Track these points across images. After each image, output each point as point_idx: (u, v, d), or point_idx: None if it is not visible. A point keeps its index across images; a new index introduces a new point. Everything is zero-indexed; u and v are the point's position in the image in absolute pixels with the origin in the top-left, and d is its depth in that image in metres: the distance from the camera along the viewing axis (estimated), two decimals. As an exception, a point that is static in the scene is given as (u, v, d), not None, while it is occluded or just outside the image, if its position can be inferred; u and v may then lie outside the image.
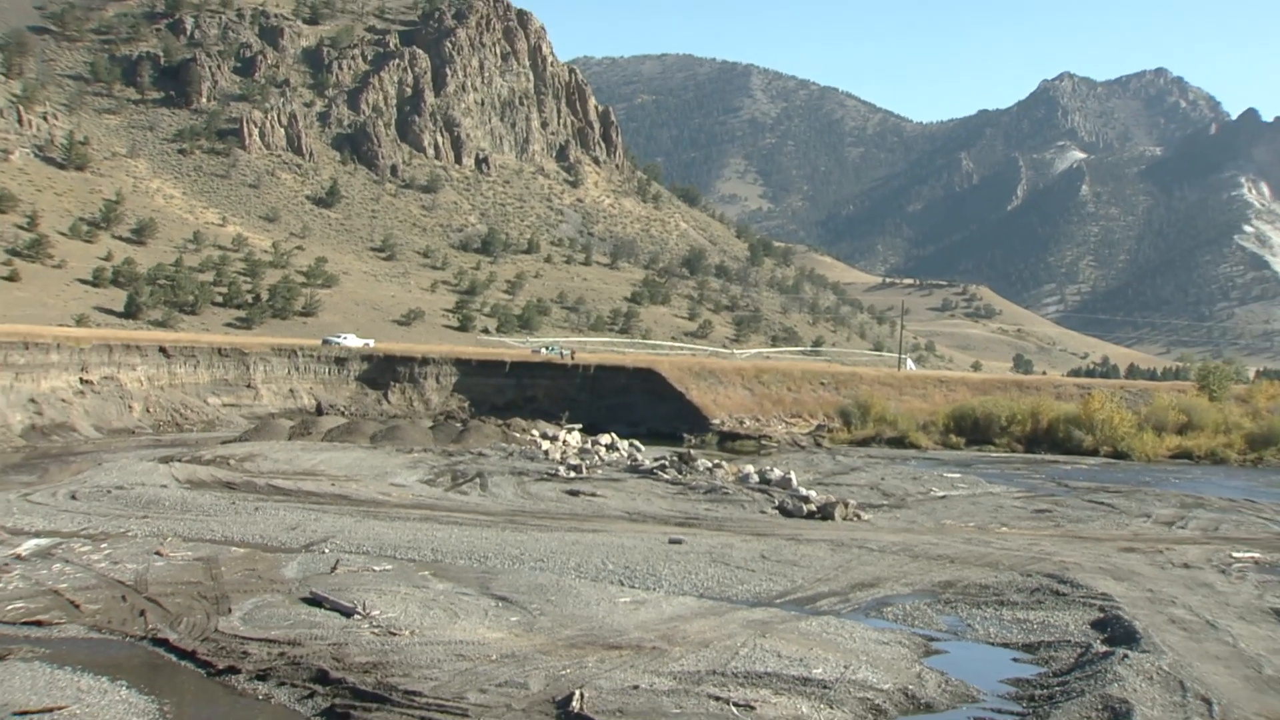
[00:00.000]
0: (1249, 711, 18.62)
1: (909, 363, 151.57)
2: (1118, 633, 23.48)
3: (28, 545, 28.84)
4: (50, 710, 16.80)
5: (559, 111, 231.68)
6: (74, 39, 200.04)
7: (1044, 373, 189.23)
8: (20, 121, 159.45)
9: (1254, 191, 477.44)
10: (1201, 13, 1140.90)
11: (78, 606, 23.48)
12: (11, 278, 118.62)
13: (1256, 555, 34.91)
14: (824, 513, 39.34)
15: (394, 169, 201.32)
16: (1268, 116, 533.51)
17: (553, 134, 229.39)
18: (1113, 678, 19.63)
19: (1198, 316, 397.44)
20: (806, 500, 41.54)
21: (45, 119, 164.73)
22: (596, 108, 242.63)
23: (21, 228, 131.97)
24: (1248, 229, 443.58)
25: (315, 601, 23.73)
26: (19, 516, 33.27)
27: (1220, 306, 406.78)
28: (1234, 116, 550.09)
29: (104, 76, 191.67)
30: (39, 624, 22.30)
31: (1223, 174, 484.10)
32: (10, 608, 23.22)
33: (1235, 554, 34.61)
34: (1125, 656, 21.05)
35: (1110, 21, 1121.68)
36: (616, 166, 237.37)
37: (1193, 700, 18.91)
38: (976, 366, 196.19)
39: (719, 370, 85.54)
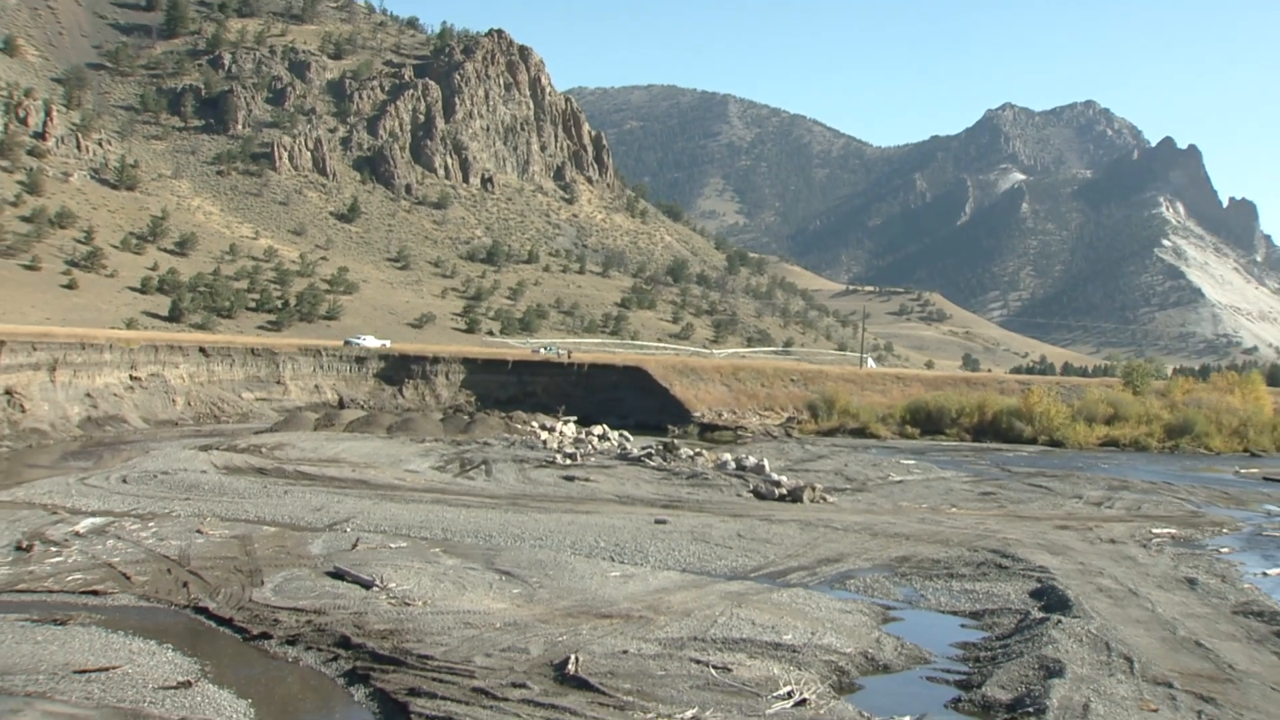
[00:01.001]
0: (1164, 668, 18.87)
1: (870, 361, 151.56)
2: (1053, 601, 23.71)
3: (85, 523, 28.89)
4: (106, 669, 16.83)
5: (556, 136, 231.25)
6: (126, 74, 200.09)
7: (989, 370, 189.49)
8: (79, 147, 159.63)
9: (1171, 210, 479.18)
10: (1127, 51, 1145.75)
11: (129, 578, 23.54)
12: (70, 286, 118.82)
13: (1173, 531, 35.34)
14: (794, 496, 39.40)
15: (408, 188, 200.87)
16: (1182, 144, 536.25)
17: (551, 156, 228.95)
18: (1048, 640, 19.86)
19: (1123, 320, 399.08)
20: (778, 484, 41.52)
21: (100, 145, 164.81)
22: (590, 133, 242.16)
23: (79, 241, 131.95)
24: (1166, 243, 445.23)
25: (338, 575, 23.82)
26: (77, 498, 33.32)
27: (1142, 311, 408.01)
28: (1153, 144, 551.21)
29: (152, 107, 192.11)
30: (95, 593, 22.39)
31: (1144, 194, 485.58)
32: (70, 578, 23.31)
33: (1155, 530, 34.99)
34: (1059, 622, 21.27)
35: (1047, 58, 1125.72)
36: (608, 185, 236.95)
37: (1116, 659, 19.16)
38: (929, 365, 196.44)
39: (700, 368, 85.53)
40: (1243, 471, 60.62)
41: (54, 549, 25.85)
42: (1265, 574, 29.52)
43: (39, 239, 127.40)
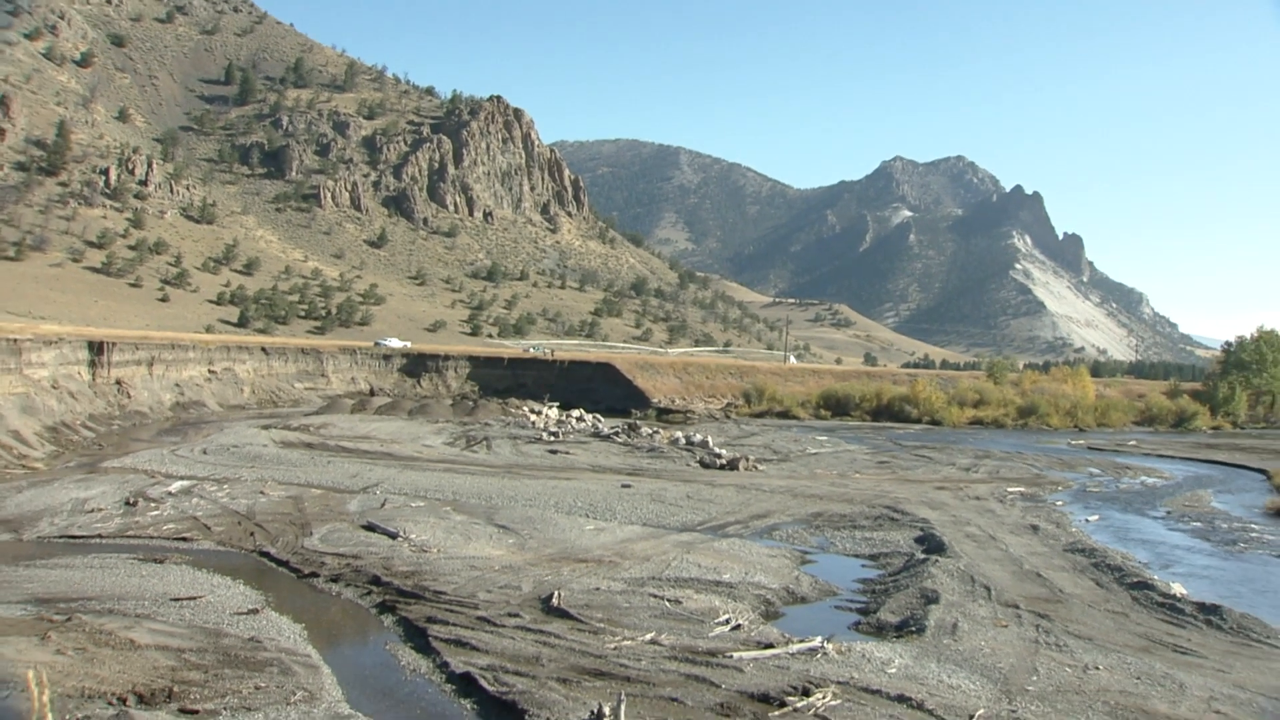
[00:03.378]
0: (1013, 594, 19.30)
1: (791, 358, 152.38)
2: (932, 545, 24.06)
3: (175, 485, 28.96)
4: (194, 598, 17.09)
5: (543, 179, 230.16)
6: (208, 134, 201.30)
7: (885, 366, 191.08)
8: (172, 191, 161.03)
9: (1021, 241, 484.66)
10: (988, 116, 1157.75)
11: (209, 528, 23.60)
12: (164, 299, 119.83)
13: (1022, 489, 36.00)
14: (731, 465, 39.62)
15: (425, 220, 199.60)
16: (1029, 190, 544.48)
17: (538, 195, 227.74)
18: (927, 576, 20.18)
19: (986, 326, 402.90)
20: (719, 456, 41.69)
21: (188, 189, 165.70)
22: (569, 176, 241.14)
23: (171, 265, 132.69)
24: (1017, 267, 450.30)
25: (370, 528, 23.81)
26: (169, 465, 33.26)
27: (1000, 319, 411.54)
28: (1008, 189, 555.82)
29: (227, 159, 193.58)
30: (184, 539, 22.56)
31: (1001, 229, 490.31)
32: (166, 527, 23.60)
33: (1009, 489, 35.61)
34: (936, 561, 21.62)
35: (928, 120, 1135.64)
36: (584, 218, 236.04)
37: (978, 588, 19.54)
38: (839, 361, 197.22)
39: (657, 364, 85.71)
40: (1073, 443, 61.71)
41: (153, 505, 26.00)
42: (1087, 520, 30.17)
43: (141, 263, 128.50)
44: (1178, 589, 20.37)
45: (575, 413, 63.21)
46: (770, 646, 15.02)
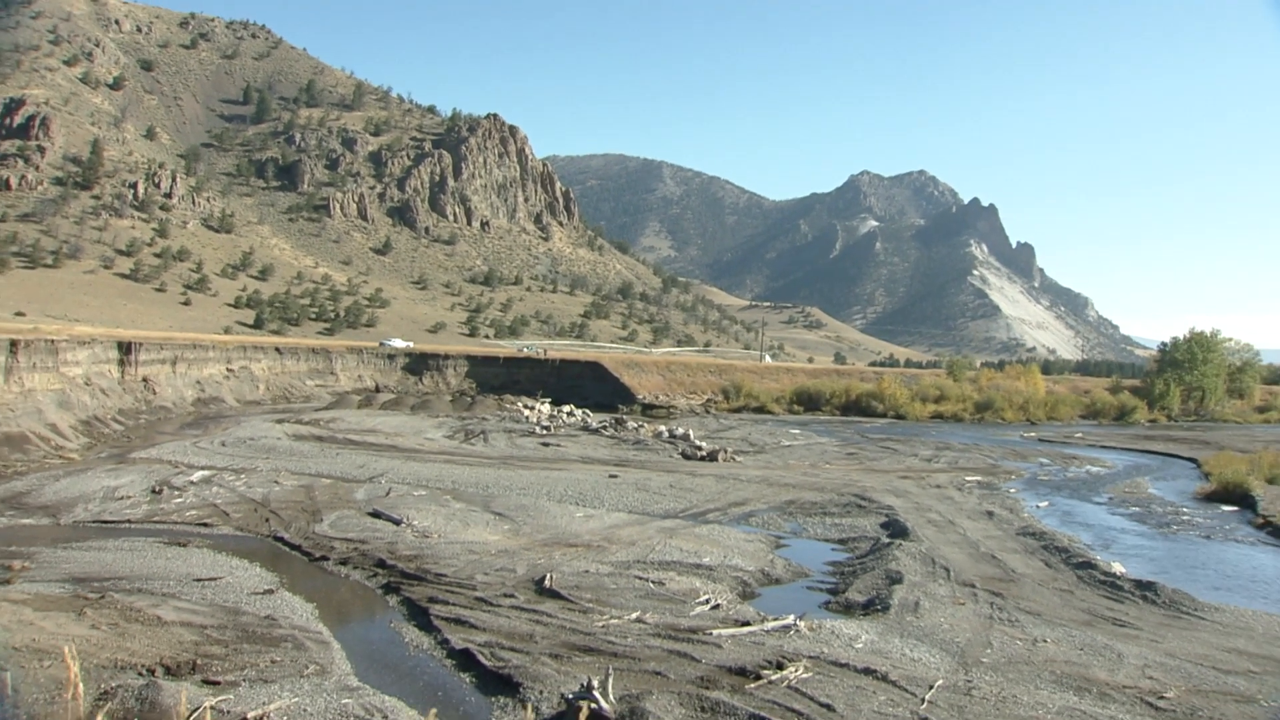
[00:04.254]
0: (970, 575, 19.42)
1: (767, 357, 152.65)
2: (896, 530, 24.16)
3: (197, 475, 28.86)
4: (214, 579, 17.14)
5: (536, 191, 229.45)
6: (227, 150, 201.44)
7: (853, 364, 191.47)
8: (194, 203, 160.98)
9: (978, 249, 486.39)
10: (949, 133, 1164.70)
11: (228, 515, 23.54)
12: (187, 302, 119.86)
13: (979, 478, 36.14)
14: (711, 456, 39.56)
15: (427, 229, 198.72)
16: (985, 203, 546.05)
17: (532, 206, 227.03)
18: (892, 558, 20.29)
19: (946, 328, 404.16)
20: (699, 448, 41.65)
21: (208, 201, 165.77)
22: (561, 188, 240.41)
23: (192, 271, 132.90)
24: (975, 273, 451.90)
25: (376, 515, 23.75)
26: (191, 456, 33.20)
27: (959, 321, 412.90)
28: (966, 202, 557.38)
29: (244, 173, 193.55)
30: (205, 525, 22.53)
31: (960, 238, 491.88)
32: (189, 513, 23.56)
33: (967, 478, 35.73)
34: (900, 544, 21.74)
35: (893, 137, 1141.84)
36: (574, 227, 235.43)
37: (938, 569, 19.66)
38: (810, 360, 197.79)
39: (642, 363, 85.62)
40: (1025, 435, 61.97)
41: (177, 493, 25.98)
42: (1038, 506, 30.37)
43: (165, 270, 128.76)
44: (1117, 568, 20.57)
45: (566, 408, 63.13)
46: (747, 624, 15.08)
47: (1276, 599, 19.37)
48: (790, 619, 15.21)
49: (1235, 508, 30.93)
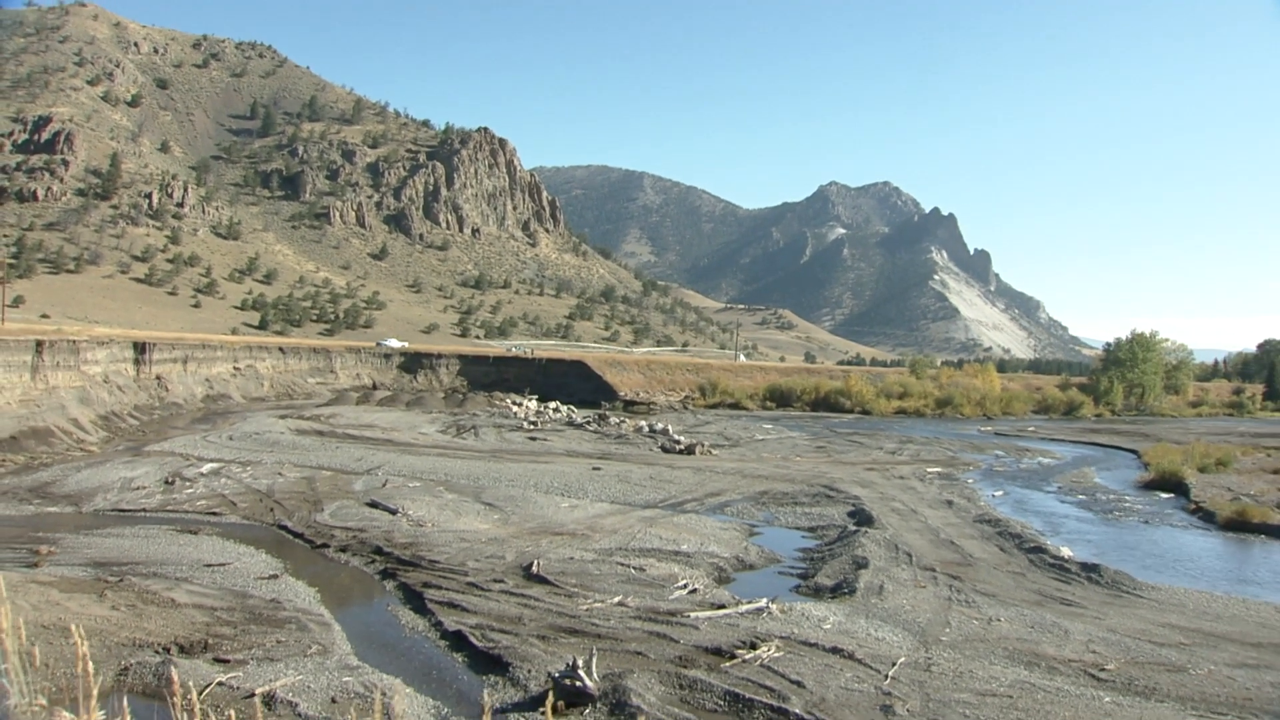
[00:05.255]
0: (931, 560, 19.59)
1: (741, 356, 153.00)
2: (862, 518, 24.30)
3: (206, 467, 28.78)
4: (223, 564, 17.13)
5: (524, 200, 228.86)
6: (235, 161, 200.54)
7: (822, 363, 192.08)
8: (204, 212, 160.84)
9: (939, 255, 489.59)
10: (912, 146, 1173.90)
11: (235, 504, 23.43)
12: (197, 305, 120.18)
13: (939, 470, 36.40)
14: (689, 450, 39.58)
15: (421, 236, 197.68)
16: (945, 212, 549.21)
17: (520, 214, 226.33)
18: (858, 545, 20.41)
19: (909, 329, 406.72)
20: (678, 442, 41.69)
21: (217, 209, 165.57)
22: (547, 197, 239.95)
23: (202, 275, 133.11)
24: (936, 278, 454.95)
25: (373, 505, 23.63)
26: (201, 449, 33.02)
27: (921, 323, 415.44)
28: (927, 211, 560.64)
29: (251, 183, 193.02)
30: (214, 514, 22.45)
31: (922, 244, 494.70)
32: (199, 503, 23.50)
33: (928, 470, 35.98)
34: (865, 531, 21.86)
35: (860, 149, 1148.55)
36: (560, 234, 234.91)
37: (901, 554, 19.81)
38: (782, 359, 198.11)
39: (624, 362, 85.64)
40: (982, 430, 62.40)
41: (188, 483, 25.90)
42: (994, 495, 30.64)
43: (177, 274, 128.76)
44: (1066, 551, 20.83)
45: (552, 404, 63.01)
46: (722, 607, 15.13)
47: (1205, 577, 19.73)
48: (763, 602, 15.27)
49: (1171, 495, 31.38)
